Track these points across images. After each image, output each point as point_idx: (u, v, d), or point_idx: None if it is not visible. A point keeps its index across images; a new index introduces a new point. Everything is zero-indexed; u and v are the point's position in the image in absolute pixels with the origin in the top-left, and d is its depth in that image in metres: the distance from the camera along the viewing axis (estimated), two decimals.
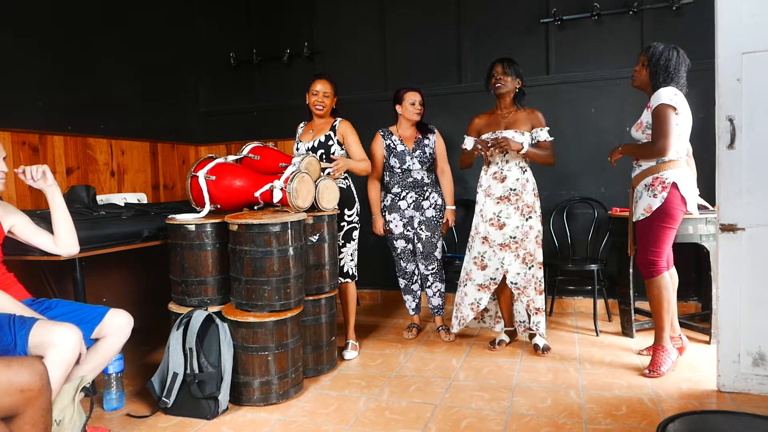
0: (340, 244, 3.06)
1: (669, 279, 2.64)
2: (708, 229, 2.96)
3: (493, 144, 2.92)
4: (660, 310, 2.63)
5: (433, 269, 3.34)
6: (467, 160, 3.19)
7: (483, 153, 2.97)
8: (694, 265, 3.61)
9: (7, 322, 1.75)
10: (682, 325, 3.35)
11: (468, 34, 4.03)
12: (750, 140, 2.30)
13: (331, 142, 3.04)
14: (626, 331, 3.28)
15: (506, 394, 2.46)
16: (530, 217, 3.00)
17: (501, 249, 3.02)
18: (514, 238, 3.00)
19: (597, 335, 3.29)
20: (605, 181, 3.74)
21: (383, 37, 4.25)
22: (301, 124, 3.25)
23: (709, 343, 3.05)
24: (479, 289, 3.08)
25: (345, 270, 3.10)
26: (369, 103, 4.23)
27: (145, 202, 3.62)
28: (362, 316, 3.97)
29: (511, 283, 3.02)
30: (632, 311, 3.22)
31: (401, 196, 3.32)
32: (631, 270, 3.14)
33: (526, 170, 3.03)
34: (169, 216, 2.61)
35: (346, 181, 3.10)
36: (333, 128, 3.05)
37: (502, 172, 3.02)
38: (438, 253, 3.33)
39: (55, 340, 1.72)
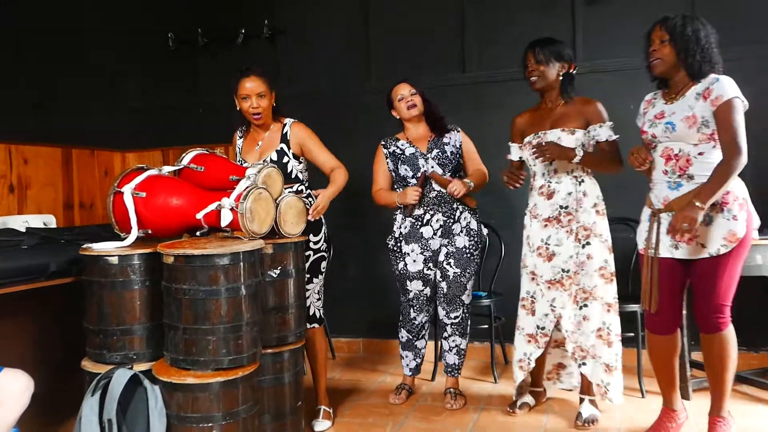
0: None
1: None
2: None
3: (536, 153, 2.84)
4: (724, 373, 2.57)
5: (456, 317, 3.27)
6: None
7: (511, 185, 2.96)
8: (764, 304, 3.63)
9: None
10: (749, 382, 3.37)
11: (473, 11, 4.09)
12: None
13: (286, 159, 3.00)
14: (681, 390, 3.27)
15: None
16: (588, 243, 2.88)
17: (549, 288, 2.93)
18: (567, 272, 2.91)
19: (643, 396, 3.30)
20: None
21: (365, 13, 4.30)
22: (239, 134, 3.18)
23: None
24: (529, 341, 3.01)
25: (310, 312, 3.08)
26: (347, 96, 4.26)
27: (54, 226, 3.59)
28: (338, 373, 3.95)
29: (566, 331, 2.91)
30: (687, 365, 3.22)
31: (424, 221, 3.25)
32: (684, 311, 3.14)
33: (582, 181, 2.91)
34: (85, 245, 2.58)
35: (310, 199, 3.05)
36: (284, 139, 3.03)
37: (549, 186, 2.94)
38: (466, 298, 3.27)
39: None
